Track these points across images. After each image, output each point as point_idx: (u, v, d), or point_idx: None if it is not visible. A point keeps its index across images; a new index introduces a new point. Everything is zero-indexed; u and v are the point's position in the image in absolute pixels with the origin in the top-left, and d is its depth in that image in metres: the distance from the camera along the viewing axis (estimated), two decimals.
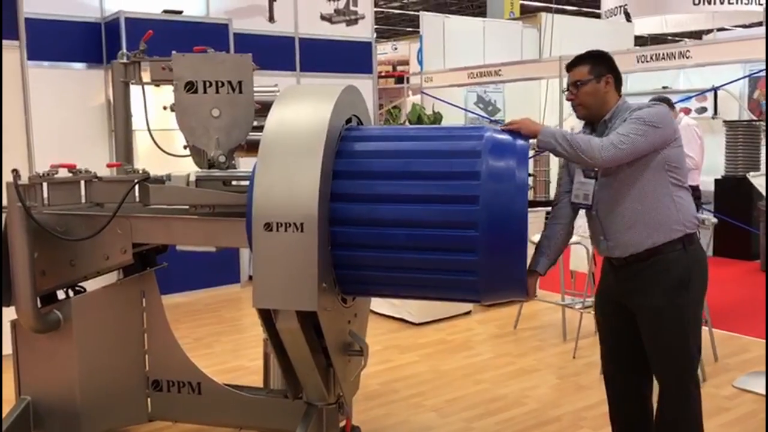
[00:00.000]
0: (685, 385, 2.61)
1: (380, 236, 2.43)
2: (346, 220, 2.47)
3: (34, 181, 2.88)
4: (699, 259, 2.62)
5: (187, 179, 2.89)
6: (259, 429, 3.29)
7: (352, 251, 2.49)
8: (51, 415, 3.12)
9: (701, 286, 2.64)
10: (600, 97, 2.62)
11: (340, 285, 2.59)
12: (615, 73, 2.64)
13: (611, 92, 2.63)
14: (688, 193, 2.61)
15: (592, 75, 2.61)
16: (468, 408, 3.74)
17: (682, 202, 2.56)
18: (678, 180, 2.57)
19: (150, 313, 3.22)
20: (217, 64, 3.07)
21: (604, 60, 2.66)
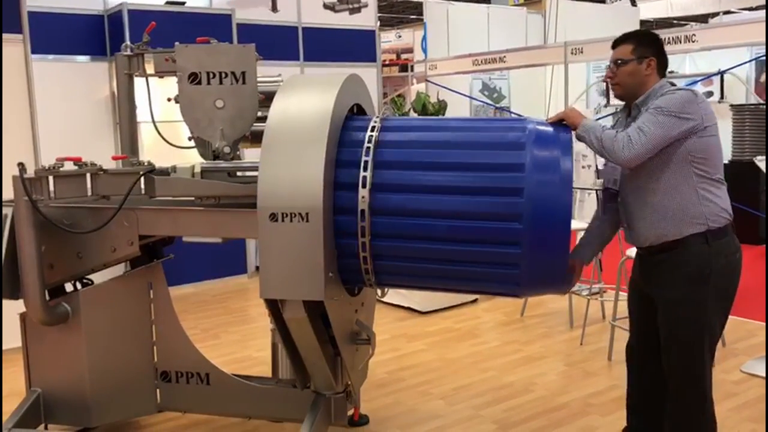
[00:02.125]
0: (686, 389, 2.54)
1: (422, 227, 2.42)
2: (387, 211, 2.45)
3: (40, 175, 2.89)
4: (725, 254, 2.49)
5: (193, 171, 2.89)
6: (268, 419, 3.32)
7: (392, 242, 2.47)
8: (61, 406, 3.15)
9: (725, 283, 2.52)
10: (639, 79, 2.54)
11: (377, 276, 2.57)
12: (660, 57, 2.56)
13: (652, 75, 2.54)
14: (720, 185, 2.49)
15: (634, 56, 2.54)
16: (475, 396, 3.75)
17: (708, 195, 2.46)
18: (705, 172, 2.45)
19: (158, 305, 3.22)
20: (221, 55, 3.06)
21: (650, 41, 2.58)
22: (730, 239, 2.51)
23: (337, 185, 2.50)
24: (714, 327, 2.55)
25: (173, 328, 3.24)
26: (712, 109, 2.48)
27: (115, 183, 2.97)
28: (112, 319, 3.14)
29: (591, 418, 3.41)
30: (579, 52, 8.55)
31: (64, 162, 2.95)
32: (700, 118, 2.41)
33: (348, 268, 2.56)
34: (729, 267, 2.51)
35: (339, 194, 2.49)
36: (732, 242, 2.52)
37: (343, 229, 2.49)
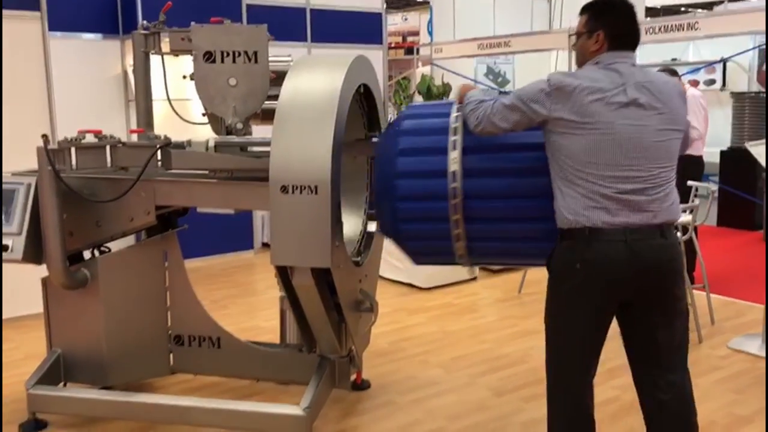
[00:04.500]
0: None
1: (516, 209, 2.45)
2: (482, 195, 2.47)
3: (63, 146, 3.05)
4: (566, 260, 2.30)
5: (207, 145, 3.05)
6: (275, 381, 3.51)
7: (487, 224, 2.50)
8: (80, 366, 3.33)
9: (571, 285, 2.31)
10: (586, 54, 2.37)
11: (470, 256, 2.61)
12: (613, 30, 2.31)
13: (602, 47, 2.32)
14: (570, 190, 2.26)
15: (586, 29, 2.38)
16: (473, 365, 3.93)
17: (558, 197, 2.31)
18: (559, 169, 2.28)
19: (172, 272, 3.40)
20: (234, 35, 3.19)
21: (602, 11, 2.37)
22: (577, 243, 2.27)
23: (424, 150, 2.53)
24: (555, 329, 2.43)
25: (186, 294, 3.41)
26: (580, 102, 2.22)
27: (134, 155, 3.13)
28: (128, 284, 3.31)
29: None
30: None
31: (85, 134, 3.11)
32: (546, 110, 2.26)
33: (439, 235, 2.54)
34: (565, 276, 2.34)
35: (426, 159, 2.51)
36: (579, 249, 2.27)
37: (431, 191, 2.50)
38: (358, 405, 3.45)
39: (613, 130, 2.20)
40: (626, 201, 2.22)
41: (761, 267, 4.64)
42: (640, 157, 2.22)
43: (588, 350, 2.39)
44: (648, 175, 2.23)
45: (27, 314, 4.53)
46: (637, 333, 2.40)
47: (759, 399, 3.43)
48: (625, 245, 2.22)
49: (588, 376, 2.43)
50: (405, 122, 2.64)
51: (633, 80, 2.25)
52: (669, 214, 2.28)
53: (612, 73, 2.26)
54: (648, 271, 2.27)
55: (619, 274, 2.25)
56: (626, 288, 2.29)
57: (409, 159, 2.53)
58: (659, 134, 2.24)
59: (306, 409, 2.91)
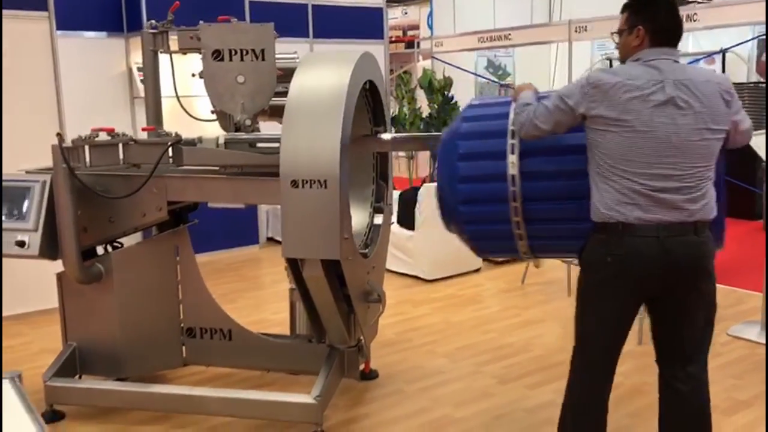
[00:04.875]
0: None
1: (573, 210, 2.49)
2: (540, 197, 2.54)
3: (77, 144, 3.12)
4: (598, 253, 2.35)
5: (217, 142, 3.12)
6: (286, 371, 3.59)
7: (546, 224, 2.57)
8: (95, 359, 3.41)
9: (600, 277, 2.37)
10: (629, 50, 2.39)
11: (533, 253, 2.70)
12: (653, 24, 2.32)
13: (642, 45, 2.35)
14: (606, 185, 2.29)
15: (627, 25, 2.40)
16: (477, 354, 4.01)
17: (593, 191, 2.36)
18: (595, 165, 2.32)
19: (183, 266, 3.48)
20: (242, 33, 3.26)
21: (642, 7, 2.38)
22: (614, 239, 2.30)
23: (483, 155, 2.60)
24: (584, 313, 2.48)
25: (198, 287, 3.49)
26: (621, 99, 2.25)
27: (145, 152, 3.20)
28: (141, 278, 3.39)
29: None
30: (583, 30, 8.69)
31: (98, 132, 3.19)
32: (585, 106, 2.29)
33: (502, 235, 2.62)
34: (601, 263, 2.37)
35: (485, 163, 2.58)
36: (613, 243, 2.31)
37: (491, 195, 2.57)
38: (366, 394, 3.54)
39: (649, 129, 2.22)
40: (660, 199, 2.24)
41: (761, 256, 4.71)
42: (675, 156, 2.23)
43: (612, 341, 2.44)
44: (683, 174, 2.24)
45: (39, 309, 4.62)
46: (663, 325, 2.46)
47: (757, 384, 3.52)
48: (657, 241, 2.25)
49: (610, 365, 2.48)
50: (464, 125, 2.68)
51: (672, 78, 2.25)
52: (704, 213, 2.29)
53: (652, 70, 2.26)
54: (678, 267, 2.29)
55: (649, 269, 2.29)
56: (655, 283, 2.32)
57: (468, 164, 2.61)
58: (695, 133, 2.24)
59: (317, 398, 2.99)
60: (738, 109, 2.37)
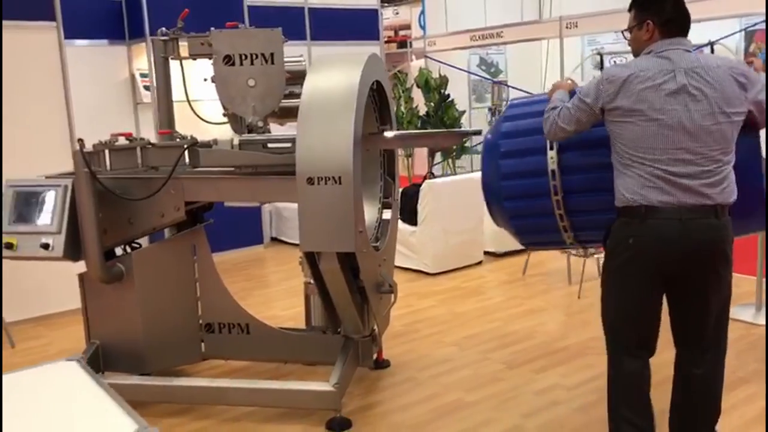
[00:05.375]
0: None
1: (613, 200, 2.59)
2: (580, 190, 2.67)
3: (98, 149, 3.25)
4: (621, 235, 2.47)
5: (231, 143, 3.25)
6: (302, 362, 3.73)
7: (588, 216, 2.70)
8: (117, 355, 3.53)
9: (623, 259, 2.49)
10: (640, 45, 2.50)
11: (579, 242, 2.86)
12: (660, 17, 2.44)
13: (652, 38, 2.46)
14: (629, 171, 2.41)
15: (635, 21, 2.52)
16: (484, 342, 4.16)
17: (616, 179, 2.48)
18: (617, 156, 2.46)
19: (201, 264, 3.61)
20: (251, 39, 3.39)
21: (651, 2, 2.49)
22: (635, 221, 2.43)
23: (523, 152, 2.74)
24: (613, 296, 2.60)
25: (215, 284, 3.62)
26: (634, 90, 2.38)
27: (163, 155, 3.33)
28: (161, 277, 3.52)
29: (589, 358, 3.81)
30: (574, 26, 8.85)
31: (118, 137, 3.31)
32: (601, 102, 2.44)
33: (547, 228, 2.75)
34: (629, 245, 2.47)
35: (526, 160, 2.73)
36: (636, 224, 2.43)
37: (534, 190, 2.70)
38: (379, 382, 3.68)
39: (663, 116, 2.33)
40: (680, 184, 2.34)
41: (753, 243, 4.87)
42: (691, 141, 2.33)
43: (641, 322, 2.54)
44: (701, 159, 2.34)
45: (57, 312, 4.75)
46: (680, 309, 2.56)
47: (755, 361, 3.67)
48: (679, 223, 2.35)
49: (642, 350, 2.57)
50: (505, 124, 2.84)
51: (683, 66, 2.35)
52: (724, 197, 2.38)
53: (663, 61, 2.38)
54: (698, 250, 2.38)
55: (669, 250, 2.39)
56: (674, 264, 2.41)
57: (510, 161, 2.76)
58: (709, 118, 2.33)
59: (335, 385, 3.13)
60: (759, 90, 2.42)
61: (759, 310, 4.38)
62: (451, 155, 8.64)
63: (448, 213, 5.64)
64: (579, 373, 3.66)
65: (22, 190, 3.32)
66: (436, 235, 5.60)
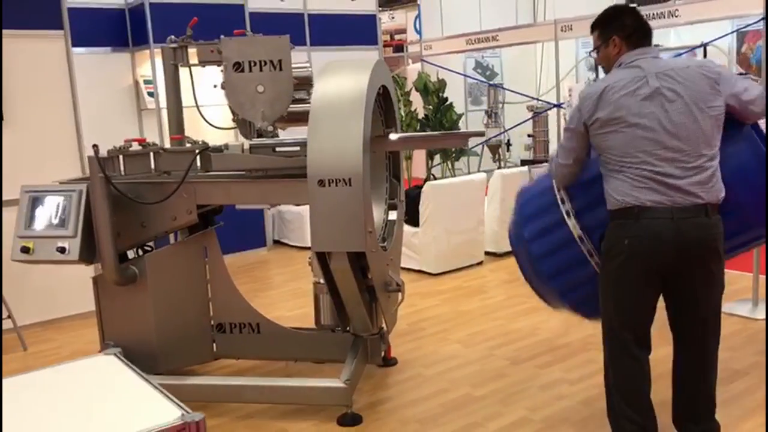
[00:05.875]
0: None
1: None
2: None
3: (112, 154, 3.33)
4: (615, 237, 2.54)
5: (242, 147, 3.34)
6: (312, 360, 3.81)
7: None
8: (131, 356, 3.55)
9: (619, 261, 2.54)
10: (611, 60, 2.64)
11: None
12: (624, 31, 2.60)
13: (621, 49, 2.61)
14: (617, 175, 2.50)
15: (601, 40, 2.67)
16: (488, 339, 4.25)
17: (605, 184, 2.57)
18: (603, 164, 2.55)
19: (212, 266, 3.69)
20: (260, 46, 3.47)
21: (609, 19, 2.67)
22: (629, 222, 2.49)
23: (547, 230, 2.82)
24: (611, 296, 2.64)
25: (226, 285, 3.71)
26: (611, 100, 2.48)
27: (175, 160, 3.41)
28: (173, 279, 3.60)
29: (591, 354, 3.91)
30: (568, 29, 8.99)
31: (131, 143, 3.40)
32: (579, 120, 2.57)
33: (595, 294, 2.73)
34: (622, 246, 2.53)
35: (552, 237, 2.80)
36: (631, 225, 2.49)
37: (572, 260, 2.76)
38: (387, 379, 3.77)
39: (642, 120, 2.43)
40: (669, 184, 2.42)
41: None
42: (673, 140, 2.42)
43: (640, 322, 2.60)
44: (685, 156, 2.42)
45: (66, 315, 4.83)
46: (676, 305, 2.64)
47: (752, 355, 3.78)
48: (672, 222, 2.42)
49: (642, 349, 2.63)
50: (523, 211, 2.95)
51: (654, 71, 2.47)
52: (713, 195, 2.45)
53: (634, 69, 2.51)
54: (689, 248, 2.46)
55: (663, 249, 2.45)
56: (669, 262, 2.48)
57: (539, 242, 2.84)
58: (686, 116, 2.42)
59: (347, 381, 3.22)
60: (733, 84, 2.50)
61: (756, 305, 4.49)
62: (450, 157, 8.75)
63: (450, 214, 5.74)
64: (582, 368, 3.76)
65: (38, 195, 3.40)
66: (437, 236, 5.70)
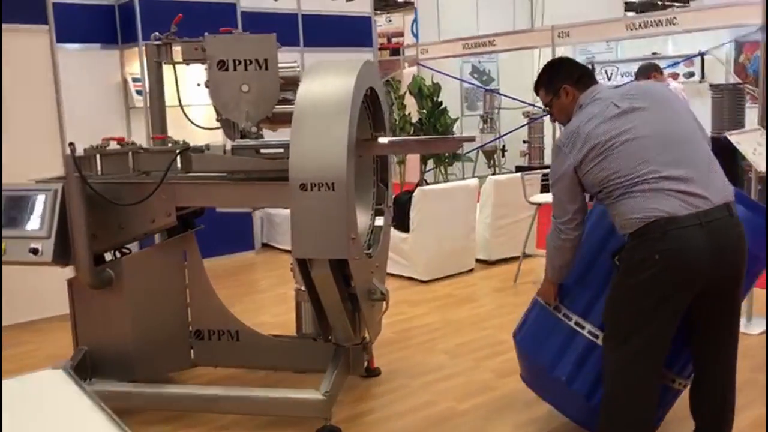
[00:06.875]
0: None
1: None
2: None
3: (89, 153, 3.22)
4: (642, 252, 2.39)
5: (224, 148, 3.23)
6: (292, 370, 3.70)
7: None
8: (106, 362, 3.48)
9: (647, 275, 2.39)
10: (569, 109, 2.65)
11: (685, 378, 2.83)
12: (572, 78, 2.64)
13: (574, 95, 2.64)
14: (628, 197, 2.39)
15: (550, 95, 2.69)
16: (476, 350, 4.15)
17: (615, 212, 2.48)
18: (606, 195, 2.46)
19: (191, 270, 3.57)
20: (245, 44, 3.37)
21: (552, 73, 2.71)
22: (648, 239, 2.37)
23: (563, 350, 2.81)
24: (619, 307, 2.54)
25: (205, 290, 3.60)
26: (587, 131, 2.47)
27: (155, 160, 3.30)
28: (151, 283, 3.48)
29: None
30: (566, 35, 8.92)
31: (109, 142, 3.29)
32: (566, 164, 2.51)
33: None
34: (645, 264, 2.41)
35: (571, 355, 2.79)
36: (650, 242, 2.37)
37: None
38: (370, 390, 3.66)
39: (630, 134, 2.40)
40: (685, 191, 2.33)
41: None
42: (671, 144, 2.39)
43: (660, 348, 2.48)
44: (689, 159, 2.38)
45: (43, 318, 4.71)
46: (707, 315, 2.53)
47: (746, 371, 3.66)
48: (701, 228, 2.31)
49: (659, 378, 2.56)
50: (537, 354, 2.92)
51: (616, 96, 2.52)
52: (727, 193, 2.41)
53: (597, 102, 2.53)
54: (724, 251, 2.37)
55: (699, 257, 2.33)
56: (705, 270, 2.35)
57: (562, 364, 2.79)
58: (665, 119, 2.44)
59: (326, 393, 3.10)
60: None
61: (750, 320, 4.39)
62: (444, 162, 8.65)
63: (441, 220, 5.63)
64: None
65: (12, 194, 3.29)
66: (428, 243, 5.59)
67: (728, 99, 8.25)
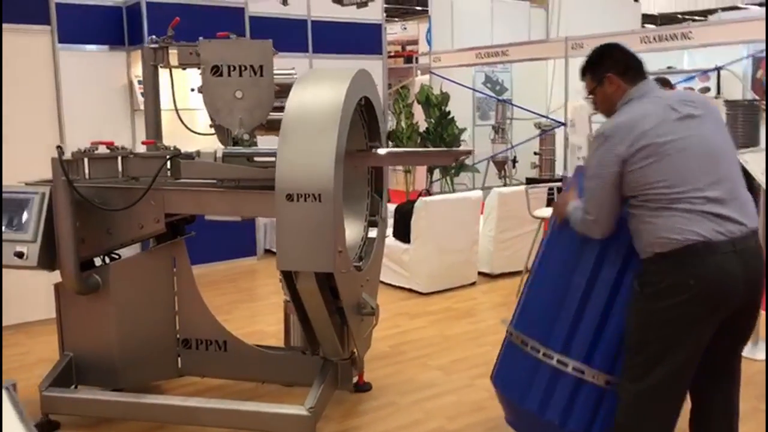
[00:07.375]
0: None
1: None
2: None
3: (76, 157, 3.17)
4: (674, 276, 2.30)
5: (215, 155, 3.17)
6: (280, 383, 3.62)
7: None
8: (91, 369, 3.43)
9: (677, 301, 2.29)
10: (611, 99, 2.52)
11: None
12: (617, 67, 2.50)
13: (619, 87, 2.50)
14: (666, 213, 2.29)
15: (595, 82, 2.56)
16: (471, 367, 4.04)
17: (645, 226, 2.35)
18: (642, 203, 2.34)
19: (180, 278, 3.51)
20: (241, 49, 3.33)
21: (598, 60, 2.57)
22: (678, 260, 2.29)
23: (552, 395, 2.71)
24: (647, 327, 2.41)
25: (194, 299, 3.53)
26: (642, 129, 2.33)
27: (144, 165, 3.25)
28: (138, 290, 3.43)
29: None
30: (579, 47, 8.80)
31: (98, 146, 3.24)
32: (616, 156, 2.35)
33: None
34: (675, 285, 2.32)
35: (559, 400, 2.68)
36: (679, 262, 2.28)
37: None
38: (359, 406, 3.57)
39: (687, 144, 2.30)
40: (721, 214, 2.26)
41: None
42: (716, 162, 2.32)
43: (684, 382, 2.41)
44: (727, 179, 2.31)
45: (37, 320, 4.66)
46: (723, 340, 2.43)
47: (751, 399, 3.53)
48: (736, 255, 2.26)
49: (685, 386, 2.45)
50: (522, 399, 2.79)
51: (674, 99, 2.42)
52: (755, 220, 2.35)
53: (652, 100, 2.41)
54: (756, 278, 2.33)
55: (735, 284, 2.27)
56: (737, 299, 2.30)
57: (571, 417, 2.67)
58: (720, 136, 2.39)
59: (310, 409, 3.02)
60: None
61: (756, 344, 4.25)
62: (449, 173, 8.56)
63: (443, 231, 5.53)
64: None
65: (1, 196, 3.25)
66: (429, 254, 5.50)
67: (743, 115, 8.08)
